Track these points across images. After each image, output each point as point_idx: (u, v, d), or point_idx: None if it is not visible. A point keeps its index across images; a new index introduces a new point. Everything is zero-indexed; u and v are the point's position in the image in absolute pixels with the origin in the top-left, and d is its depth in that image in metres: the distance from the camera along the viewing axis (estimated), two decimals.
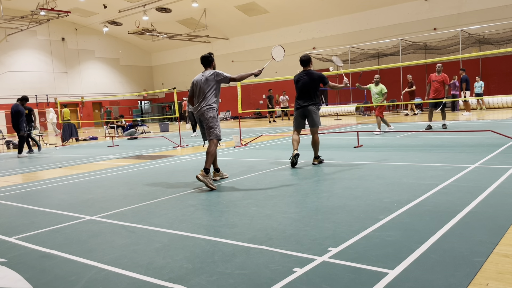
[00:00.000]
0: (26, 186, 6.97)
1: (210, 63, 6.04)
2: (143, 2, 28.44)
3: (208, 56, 6.06)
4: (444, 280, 2.44)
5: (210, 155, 5.72)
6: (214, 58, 6.17)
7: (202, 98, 5.89)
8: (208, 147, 5.82)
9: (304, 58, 7.06)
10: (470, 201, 4.05)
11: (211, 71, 5.94)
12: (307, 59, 7.05)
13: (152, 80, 42.75)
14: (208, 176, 5.59)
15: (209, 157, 5.70)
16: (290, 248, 3.12)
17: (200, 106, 5.89)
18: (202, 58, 6.06)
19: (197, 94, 5.95)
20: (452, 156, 6.91)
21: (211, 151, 5.75)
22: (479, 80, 19.69)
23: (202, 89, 5.87)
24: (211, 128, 5.86)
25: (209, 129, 5.87)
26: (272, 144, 11.04)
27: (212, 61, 6.08)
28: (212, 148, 5.77)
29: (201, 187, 5.72)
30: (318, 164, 7.05)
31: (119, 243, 3.57)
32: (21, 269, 3.10)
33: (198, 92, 5.92)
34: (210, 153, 5.73)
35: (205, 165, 5.65)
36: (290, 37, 31.71)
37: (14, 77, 32.29)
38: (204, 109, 5.86)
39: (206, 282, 2.64)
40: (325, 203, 4.41)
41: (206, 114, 5.85)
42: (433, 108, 11.86)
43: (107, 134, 21.24)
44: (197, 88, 5.93)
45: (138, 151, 11.75)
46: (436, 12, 25.05)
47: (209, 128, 5.87)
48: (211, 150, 5.76)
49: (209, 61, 6.04)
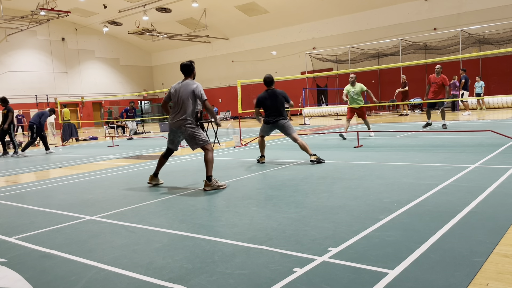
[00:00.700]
0: (26, 186, 6.97)
1: (191, 72, 5.80)
2: (143, 2, 28.44)
3: (190, 65, 5.78)
4: (444, 280, 2.44)
5: (210, 162, 5.62)
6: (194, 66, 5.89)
7: (180, 109, 5.69)
8: (205, 155, 5.69)
9: (268, 80, 7.60)
10: (470, 201, 4.05)
11: (192, 83, 5.71)
12: (271, 80, 7.62)
13: (152, 80, 42.76)
14: (212, 182, 5.55)
15: (209, 165, 5.60)
16: (290, 248, 3.12)
17: (177, 119, 5.70)
18: (183, 66, 5.77)
19: (174, 104, 5.76)
20: (452, 156, 6.90)
21: (210, 158, 5.64)
22: (479, 80, 19.68)
23: (181, 100, 5.68)
24: (195, 138, 5.71)
25: (194, 139, 5.72)
26: (272, 144, 11.04)
27: (193, 69, 5.84)
28: (208, 155, 5.66)
29: (201, 187, 5.72)
30: (316, 163, 7.12)
31: (119, 243, 3.57)
32: (21, 269, 3.10)
33: (177, 102, 5.73)
34: (209, 160, 5.63)
35: (206, 174, 5.58)
36: (290, 37, 31.72)
37: (14, 77, 32.29)
38: (181, 123, 5.68)
39: (206, 282, 2.64)
40: (325, 203, 4.41)
41: (185, 129, 5.68)
42: (430, 108, 11.85)
43: (107, 134, 21.25)
44: (175, 98, 5.74)
45: (138, 151, 11.75)
46: (436, 12, 25.05)
47: (193, 138, 5.72)
48: (208, 157, 5.64)
49: (190, 70, 5.77)
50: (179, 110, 5.72)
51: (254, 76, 32.88)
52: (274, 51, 31.86)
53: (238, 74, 33.98)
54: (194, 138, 5.73)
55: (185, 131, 5.72)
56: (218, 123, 6.20)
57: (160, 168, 6.15)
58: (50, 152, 13.20)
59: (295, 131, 7.58)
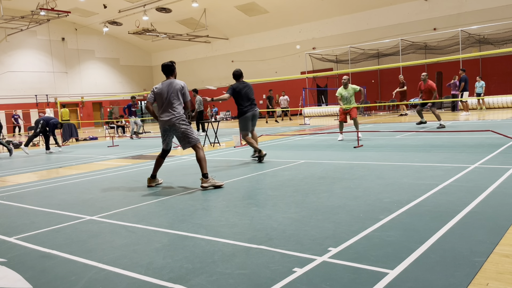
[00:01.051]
0: (26, 186, 6.97)
1: (172, 72, 5.92)
2: (143, 2, 28.44)
3: (171, 65, 5.92)
4: (444, 280, 2.44)
5: (203, 160, 5.70)
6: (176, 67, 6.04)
7: (170, 108, 5.77)
8: (196, 155, 5.76)
9: (238, 73, 7.97)
10: (470, 201, 4.05)
11: (177, 82, 5.84)
12: (240, 72, 7.99)
13: (152, 80, 42.75)
14: (209, 179, 5.63)
15: (203, 163, 5.68)
16: (290, 248, 3.12)
17: (169, 117, 5.76)
18: (164, 66, 5.92)
19: (162, 104, 5.82)
20: (452, 156, 6.91)
21: (202, 156, 5.72)
22: (480, 80, 19.66)
23: (169, 99, 5.77)
24: (188, 136, 5.79)
25: (186, 138, 5.80)
26: (272, 144, 11.04)
27: (174, 70, 5.97)
28: (201, 154, 5.74)
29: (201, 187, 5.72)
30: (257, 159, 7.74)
31: (119, 243, 3.57)
32: (21, 269, 3.10)
33: (163, 102, 5.80)
34: (201, 158, 5.70)
35: (202, 172, 5.67)
36: (290, 37, 31.71)
37: (14, 77, 32.28)
38: (174, 121, 5.75)
39: (206, 282, 2.64)
40: (325, 203, 4.41)
41: (178, 127, 5.76)
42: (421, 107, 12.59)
43: (107, 134, 21.25)
44: (162, 97, 5.80)
45: (138, 151, 11.75)
46: (436, 12, 25.05)
47: (186, 137, 5.79)
48: (200, 155, 5.72)
49: (171, 70, 5.91)
50: (168, 109, 5.80)
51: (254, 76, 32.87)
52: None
53: None
54: (186, 137, 5.80)
55: (178, 129, 5.79)
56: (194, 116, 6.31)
57: (157, 169, 6.17)
58: (50, 152, 13.22)
59: None
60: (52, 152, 13.30)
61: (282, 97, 24.60)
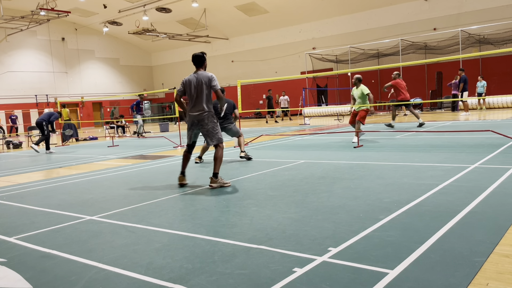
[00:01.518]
0: (26, 186, 6.97)
1: (202, 63, 5.80)
2: (143, 2, 28.44)
3: (201, 56, 5.77)
4: (444, 280, 2.44)
5: (219, 160, 5.64)
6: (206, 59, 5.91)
7: (199, 101, 5.67)
8: (215, 153, 5.73)
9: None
10: (470, 201, 4.05)
11: (204, 73, 5.72)
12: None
13: (152, 80, 42.76)
14: (219, 179, 5.61)
15: (218, 162, 5.63)
16: (290, 248, 3.12)
17: (198, 111, 5.68)
18: (195, 56, 5.77)
19: (191, 96, 5.73)
20: (452, 156, 6.90)
21: (220, 156, 5.67)
22: (481, 79, 19.64)
23: (197, 92, 5.67)
24: (213, 133, 5.73)
25: (211, 134, 5.74)
26: (272, 144, 11.04)
27: (205, 61, 5.84)
28: (219, 153, 5.70)
29: (202, 187, 5.72)
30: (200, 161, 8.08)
31: (119, 243, 3.57)
32: (21, 269, 3.10)
33: (193, 94, 5.70)
34: (218, 158, 5.65)
35: (214, 170, 5.62)
36: (290, 37, 31.72)
37: (14, 77, 32.29)
38: (204, 115, 5.67)
39: (206, 282, 2.64)
40: (325, 203, 4.41)
41: (207, 121, 5.69)
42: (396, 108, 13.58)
43: (107, 134, 21.24)
44: (191, 89, 5.70)
45: (138, 151, 11.75)
46: (436, 12, 25.05)
47: (211, 134, 5.73)
48: (219, 155, 5.68)
49: (202, 61, 5.76)
50: (197, 103, 5.70)
51: (254, 76, 32.89)
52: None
53: (238, 74, 33.95)
54: (212, 135, 5.74)
55: (206, 125, 5.72)
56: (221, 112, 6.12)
57: (186, 166, 5.97)
58: (50, 152, 13.22)
59: None
60: (52, 152, 13.31)
61: (282, 97, 24.60)
